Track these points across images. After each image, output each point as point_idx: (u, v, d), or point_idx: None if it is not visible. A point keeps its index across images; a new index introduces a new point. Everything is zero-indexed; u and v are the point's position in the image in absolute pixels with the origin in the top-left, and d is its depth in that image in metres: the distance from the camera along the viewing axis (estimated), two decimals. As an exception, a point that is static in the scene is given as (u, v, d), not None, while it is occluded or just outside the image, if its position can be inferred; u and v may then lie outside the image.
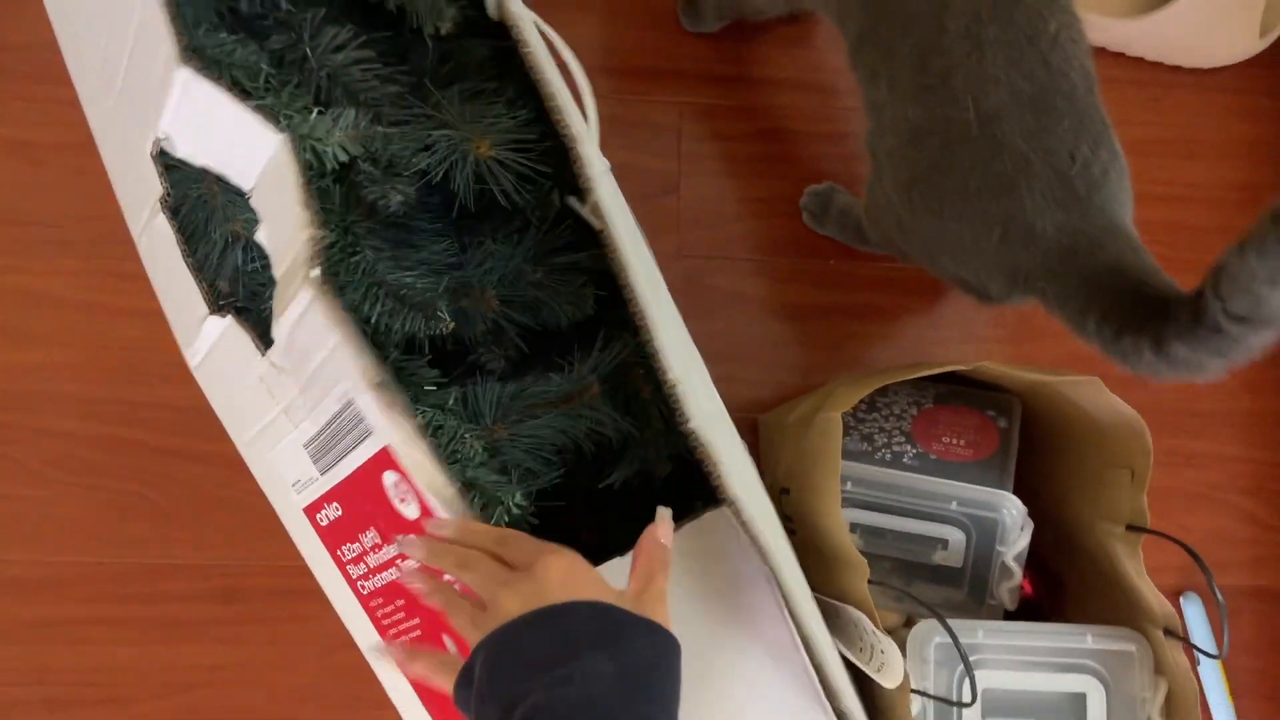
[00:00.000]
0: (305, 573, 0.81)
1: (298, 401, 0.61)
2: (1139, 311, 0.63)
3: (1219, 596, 0.69)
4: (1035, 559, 0.85)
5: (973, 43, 0.68)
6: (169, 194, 0.63)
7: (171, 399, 0.89)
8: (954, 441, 0.80)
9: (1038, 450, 0.83)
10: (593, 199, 0.61)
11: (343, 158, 0.60)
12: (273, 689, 0.89)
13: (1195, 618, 0.95)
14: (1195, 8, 0.93)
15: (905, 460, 0.79)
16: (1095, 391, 0.71)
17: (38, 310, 0.89)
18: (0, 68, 0.89)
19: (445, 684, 0.52)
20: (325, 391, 0.58)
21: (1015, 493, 0.78)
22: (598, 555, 0.59)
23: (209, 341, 0.67)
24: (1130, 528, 0.74)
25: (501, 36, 0.72)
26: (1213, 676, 0.94)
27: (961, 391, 0.84)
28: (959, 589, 0.80)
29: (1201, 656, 0.93)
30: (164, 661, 0.88)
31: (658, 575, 0.54)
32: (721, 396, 0.66)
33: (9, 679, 0.87)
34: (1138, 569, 0.74)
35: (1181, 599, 0.95)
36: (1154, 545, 0.90)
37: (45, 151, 0.89)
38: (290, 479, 0.68)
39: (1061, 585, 0.84)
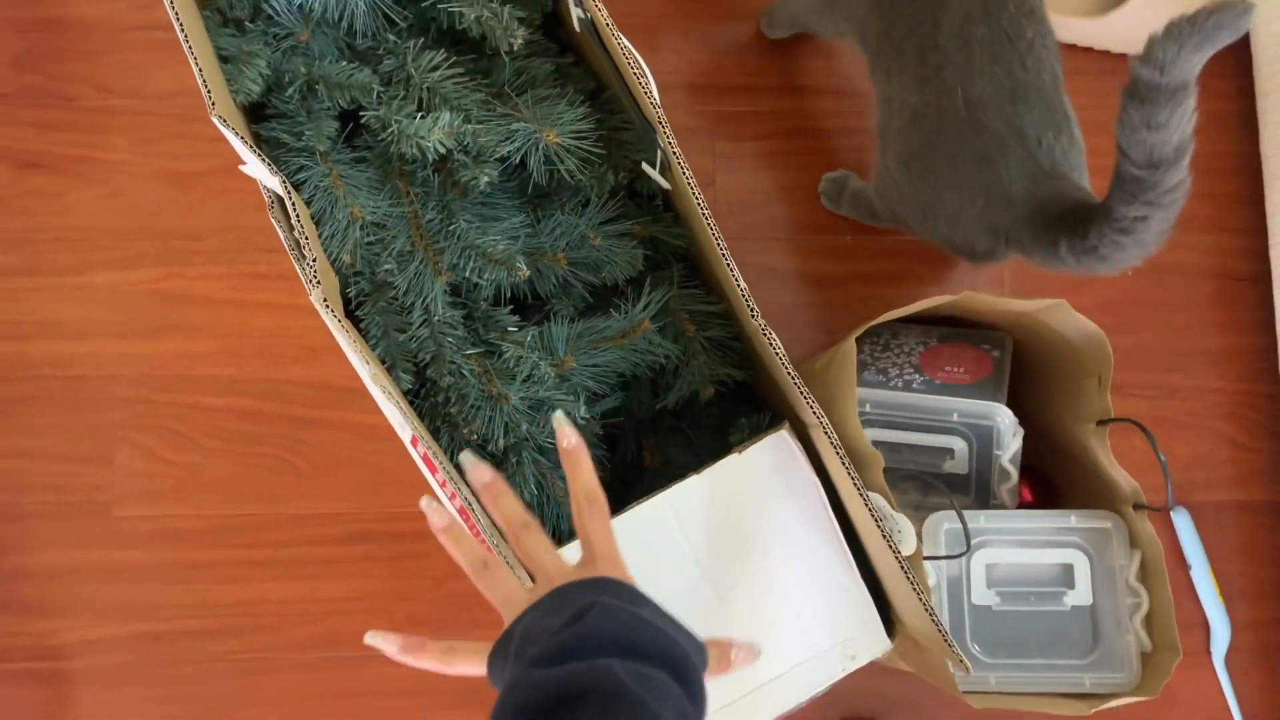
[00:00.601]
0: (416, 516, 0.99)
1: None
2: (1093, 216, 0.78)
3: (1161, 458, 0.82)
4: (1032, 470, 0.99)
5: (963, 41, 0.84)
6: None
7: (302, 376, 1.08)
8: (955, 369, 0.95)
9: (1028, 375, 0.98)
10: (661, 157, 0.78)
11: (441, 150, 0.79)
12: (392, 615, 1.06)
13: (1184, 528, 1.07)
14: (1147, 5, 1.08)
15: (915, 385, 0.94)
16: (1064, 314, 0.86)
17: (191, 308, 1.08)
18: (152, 112, 1.10)
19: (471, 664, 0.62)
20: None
21: (1011, 410, 0.92)
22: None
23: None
24: (1099, 422, 0.88)
25: (562, 55, 0.91)
26: (1205, 582, 1.07)
27: (961, 332, 0.99)
28: (967, 494, 0.94)
29: (1194, 565, 1.06)
30: (303, 594, 1.06)
31: (583, 512, 0.65)
32: None
33: (179, 613, 1.05)
34: (1109, 458, 0.88)
35: (1173, 513, 1.08)
36: (1137, 465, 1.05)
37: (193, 179, 1.09)
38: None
39: (1056, 489, 0.98)
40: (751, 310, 0.73)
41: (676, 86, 1.15)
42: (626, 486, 0.88)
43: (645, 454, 0.91)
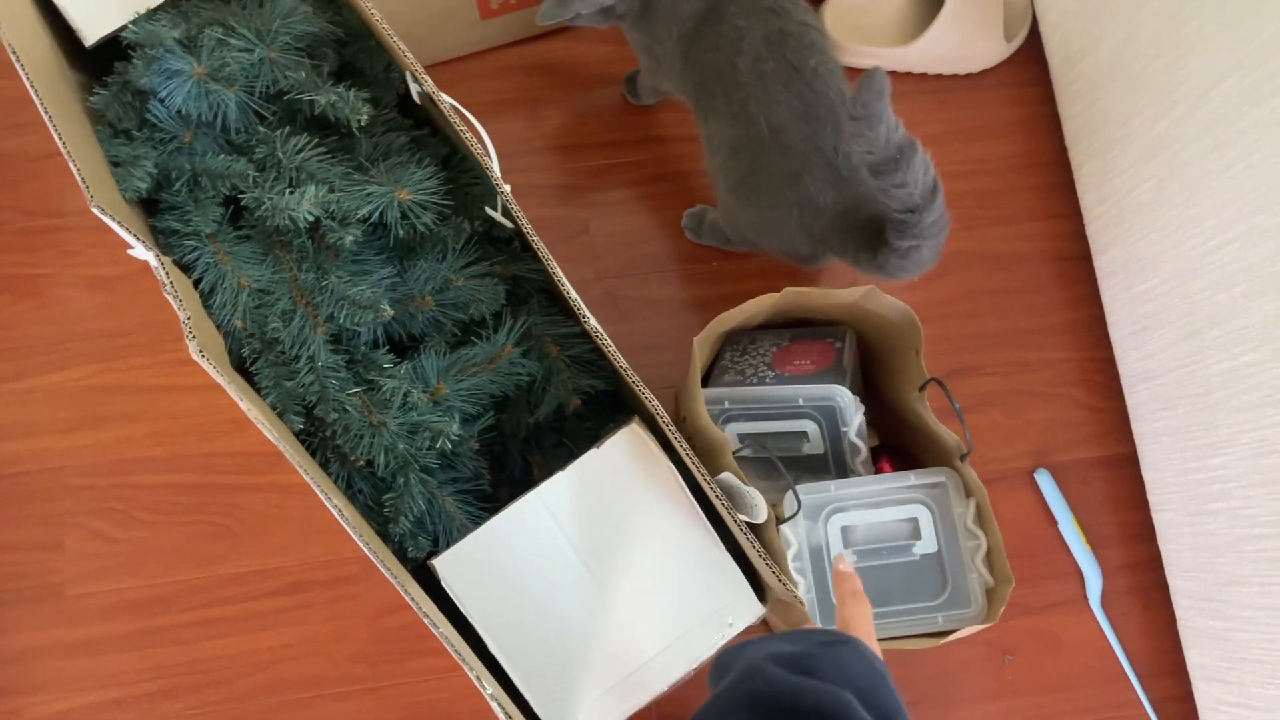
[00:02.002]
0: (348, 561, 1.09)
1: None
2: (880, 241, 0.90)
3: (955, 405, 0.93)
4: (890, 446, 1.10)
5: (758, 77, 0.97)
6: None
7: (231, 447, 1.18)
8: (802, 362, 1.06)
9: (873, 358, 1.09)
10: (502, 202, 0.90)
11: (310, 218, 0.90)
12: (333, 655, 1.14)
13: (1048, 486, 1.17)
14: (947, 31, 1.22)
15: (767, 380, 1.05)
16: (878, 297, 0.97)
17: (124, 397, 1.18)
18: (72, 227, 1.22)
19: None
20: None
21: (866, 393, 1.03)
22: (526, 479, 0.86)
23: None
24: (920, 388, 0.99)
25: (418, 128, 1.03)
26: (1072, 534, 1.16)
27: (810, 330, 1.10)
28: (828, 472, 1.04)
29: (1060, 520, 1.16)
30: (249, 647, 1.14)
31: (846, 603, 0.73)
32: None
33: (137, 678, 1.13)
34: (933, 420, 0.98)
35: (1035, 474, 1.18)
36: (1002, 436, 1.17)
37: (115, 281, 1.20)
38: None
39: (912, 459, 1.08)
40: (583, 316, 0.84)
41: (554, 149, 1.28)
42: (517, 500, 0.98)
43: (534, 469, 1.01)
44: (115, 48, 0.97)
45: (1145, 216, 1.06)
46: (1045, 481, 1.17)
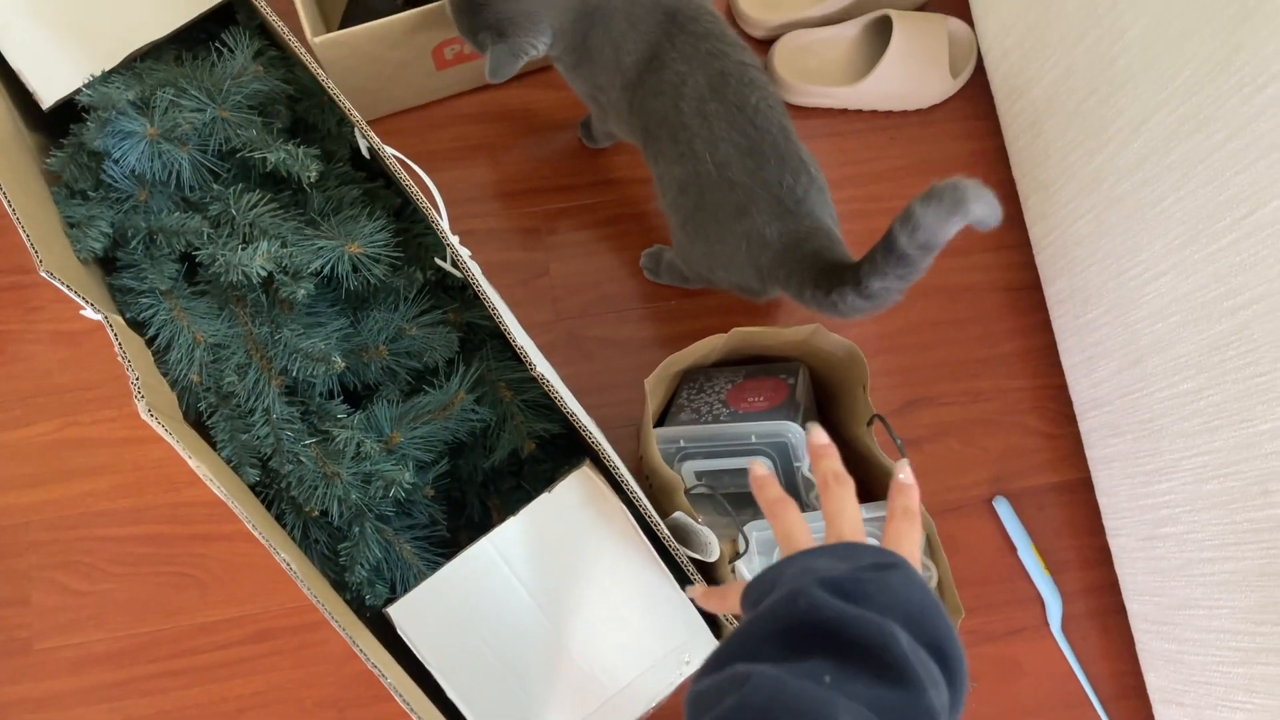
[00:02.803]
0: (315, 608, 1.10)
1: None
2: (839, 275, 0.92)
3: (898, 440, 0.94)
4: (845, 479, 1.11)
5: (702, 117, 0.99)
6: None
7: (196, 497, 1.19)
8: (756, 399, 1.07)
9: (827, 395, 1.11)
10: (450, 255, 0.92)
11: (264, 273, 0.92)
12: (301, 702, 1.15)
13: (1005, 514, 1.19)
14: (893, 69, 1.25)
15: (721, 418, 1.07)
16: (825, 336, 0.99)
17: (89, 451, 1.20)
18: (37, 284, 1.23)
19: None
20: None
21: (823, 427, 1.05)
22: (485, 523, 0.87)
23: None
24: (868, 423, 1.00)
25: (371, 181, 1.05)
26: (1031, 560, 1.18)
27: (764, 369, 1.12)
28: (784, 508, 1.06)
29: (1019, 546, 1.17)
30: (217, 696, 1.15)
31: (897, 519, 0.68)
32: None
33: (104, 731, 1.14)
34: (879, 452, 1.00)
35: (994, 502, 1.20)
36: (959, 465, 1.18)
37: (80, 336, 1.22)
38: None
39: (867, 493, 1.10)
40: (530, 363, 0.86)
41: (511, 193, 1.30)
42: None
43: (493, 512, 1.03)
44: (71, 109, 0.99)
45: (1087, 248, 1.08)
46: (1004, 509, 1.19)
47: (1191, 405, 0.95)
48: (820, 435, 0.75)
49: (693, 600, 0.87)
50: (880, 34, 1.29)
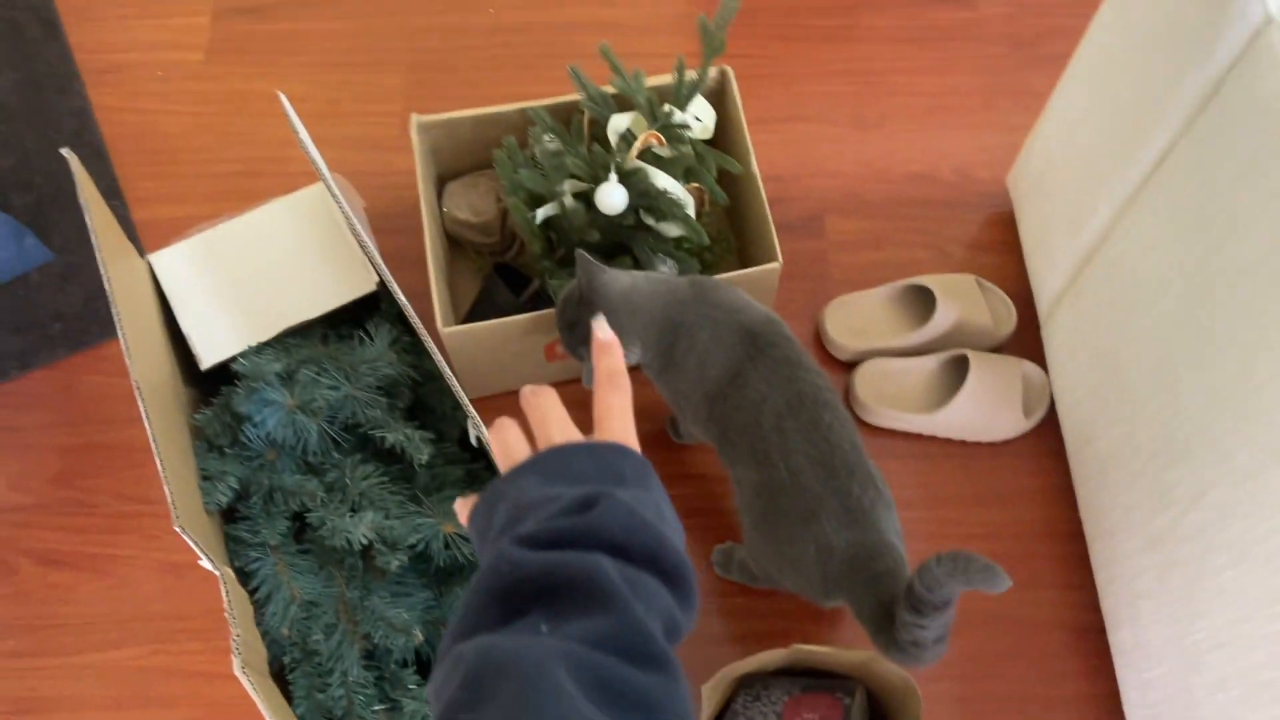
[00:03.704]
0: None
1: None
2: (888, 622, 0.97)
3: None
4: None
5: (780, 431, 1.07)
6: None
7: (259, 740, 1.23)
8: (810, 716, 1.09)
9: (880, 716, 1.12)
10: None
11: (365, 541, 1.00)
12: None
13: None
14: (968, 403, 1.33)
15: (774, 733, 1.08)
16: (881, 664, 1.02)
17: (170, 680, 1.26)
18: (158, 515, 1.34)
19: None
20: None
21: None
22: None
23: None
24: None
25: (474, 462, 1.15)
26: None
27: (821, 683, 1.14)
28: (829, 834, 1.05)
29: None
30: None
31: (604, 389, 0.66)
32: None
33: None
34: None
35: None
36: None
37: (185, 569, 1.31)
38: None
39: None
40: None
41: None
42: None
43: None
44: (223, 368, 1.12)
45: (1151, 603, 1.10)
46: None
47: (1251, 784, 0.94)
48: (604, 330, 0.72)
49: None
50: (958, 370, 1.38)
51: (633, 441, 0.63)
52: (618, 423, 0.64)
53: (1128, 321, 1.12)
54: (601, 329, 0.72)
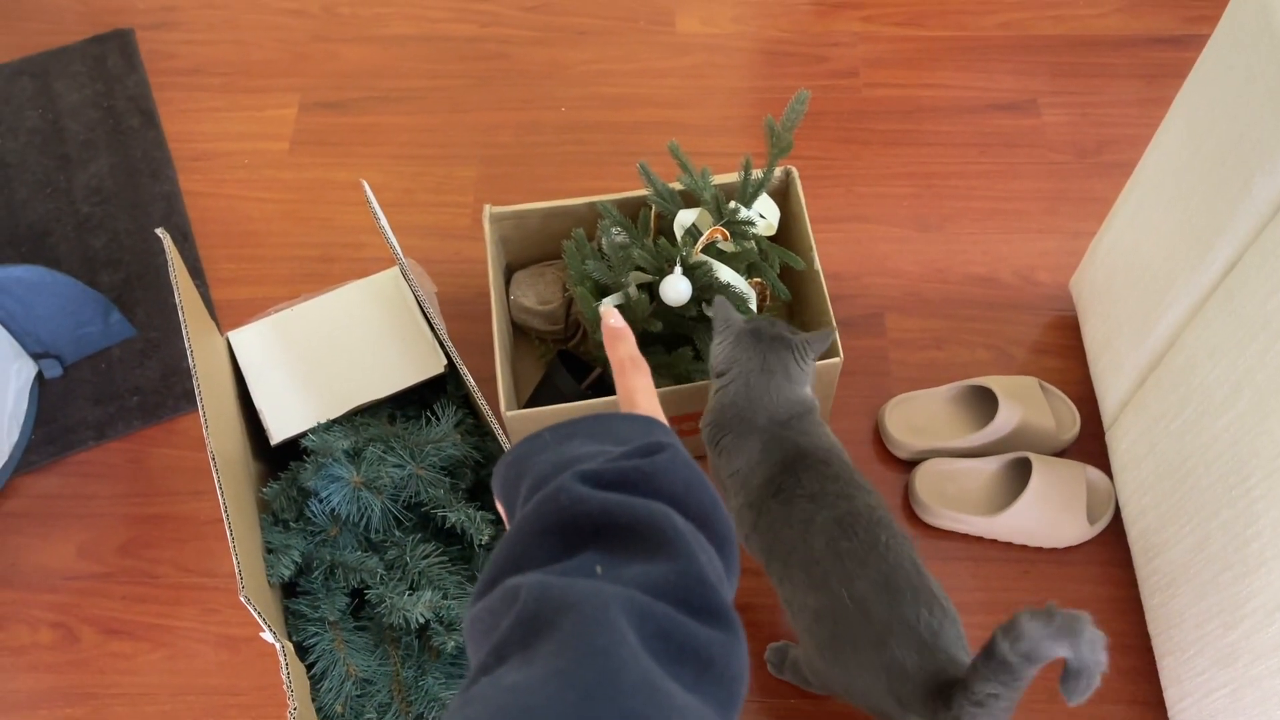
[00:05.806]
0: None
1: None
2: (955, 689, 0.94)
3: None
4: None
5: (834, 554, 1.06)
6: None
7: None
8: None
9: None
10: None
11: (422, 620, 1.01)
12: None
13: None
14: (1031, 507, 1.31)
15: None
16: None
17: (221, 755, 1.26)
18: (219, 588, 1.35)
19: None
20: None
21: None
22: None
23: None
24: None
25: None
26: None
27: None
28: None
29: None
30: None
31: (627, 372, 0.65)
32: None
33: None
34: None
35: None
36: None
37: (241, 643, 1.32)
38: None
39: None
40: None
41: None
42: None
43: None
44: (291, 446, 1.15)
45: (1224, 722, 1.07)
46: None
47: None
48: (616, 318, 0.71)
49: None
50: (1020, 473, 1.36)
51: (664, 420, 0.63)
52: (646, 402, 0.64)
53: (1197, 429, 1.10)
54: (613, 316, 0.71)
